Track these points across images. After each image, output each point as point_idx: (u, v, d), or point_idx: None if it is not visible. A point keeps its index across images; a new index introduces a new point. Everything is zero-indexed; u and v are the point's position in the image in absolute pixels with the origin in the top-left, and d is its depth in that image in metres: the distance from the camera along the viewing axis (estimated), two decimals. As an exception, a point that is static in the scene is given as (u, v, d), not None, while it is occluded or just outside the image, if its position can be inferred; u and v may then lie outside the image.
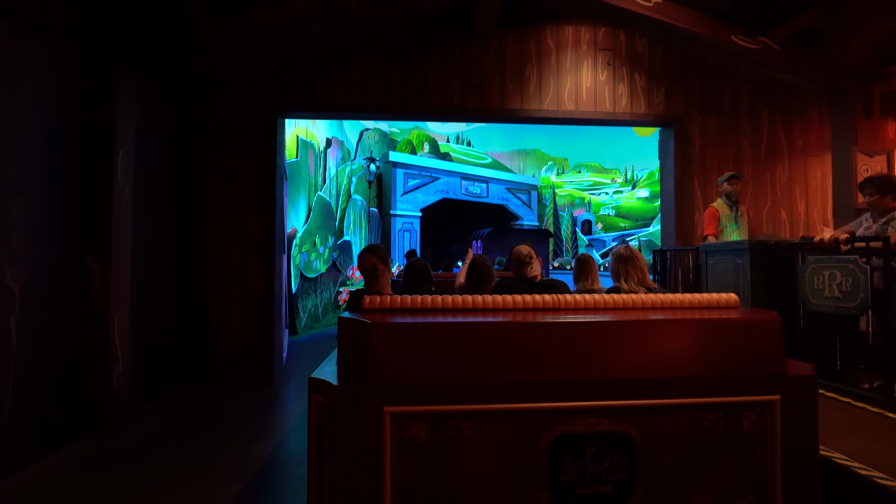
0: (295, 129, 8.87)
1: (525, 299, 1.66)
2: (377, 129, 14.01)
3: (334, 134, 11.29)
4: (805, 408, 1.47)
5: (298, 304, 7.82)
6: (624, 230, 15.51)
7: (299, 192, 8.69)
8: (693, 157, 5.38)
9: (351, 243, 10.21)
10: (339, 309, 9.36)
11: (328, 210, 9.21)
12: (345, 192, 10.87)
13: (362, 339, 1.38)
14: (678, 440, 1.43)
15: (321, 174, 10.09)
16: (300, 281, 7.85)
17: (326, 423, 1.34)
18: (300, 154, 8.90)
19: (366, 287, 2.77)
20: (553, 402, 1.39)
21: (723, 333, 1.49)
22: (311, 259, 8.23)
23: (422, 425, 1.35)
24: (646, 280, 2.56)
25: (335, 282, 9.34)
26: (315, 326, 8.50)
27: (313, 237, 8.33)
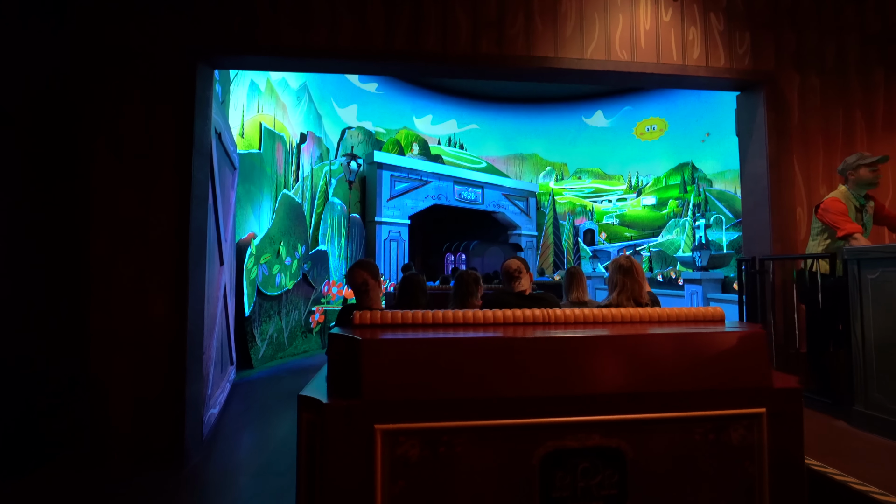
0: (257, 116, 7.15)
1: (515, 314, 1.63)
2: (361, 128, 12.33)
3: (311, 128, 9.59)
4: (791, 420, 1.46)
5: (255, 330, 6.02)
6: (630, 240, 13.96)
7: (262, 190, 6.94)
8: (791, 130, 3.77)
9: (327, 254, 8.45)
10: (312, 333, 7.56)
11: (297, 213, 7.45)
12: (321, 193, 9.13)
13: (353, 356, 1.35)
14: (668, 454, 1.41)
15: (293, 172, 8.35)
16: (257, 300, 6.06)
17: (317, 442, 1.29)
18: (264, 145, 7.17)
19: (357, 302, 2.70)
20: (544, 418, 1.36)
21: (710, 347, 1.48)
22: (273, 272, 6.45)
23: (414, 442, 1.31)
24: (641, 293, 2.52)
25: (306, 300, 7.55)
26: (278, 357, 6.68)
27: (276, 245, 6.56)
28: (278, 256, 6.56)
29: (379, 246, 10.82)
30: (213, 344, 3.82)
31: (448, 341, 1.42)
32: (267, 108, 7.55)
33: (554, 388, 1.38)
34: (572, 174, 15.44)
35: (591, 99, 15.24)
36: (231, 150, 4.83)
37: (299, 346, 7.17)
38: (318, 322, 7.55)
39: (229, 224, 4.72)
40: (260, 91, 7.27)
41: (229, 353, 4.89)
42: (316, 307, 7.58)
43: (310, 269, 7.61)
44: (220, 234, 4.08)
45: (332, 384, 1.44)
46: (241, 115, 6.57)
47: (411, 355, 1.36)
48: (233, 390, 4.96)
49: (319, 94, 10.47)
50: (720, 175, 13.24)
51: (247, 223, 6.36)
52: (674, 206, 13.83)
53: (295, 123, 8.93)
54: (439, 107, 14.65)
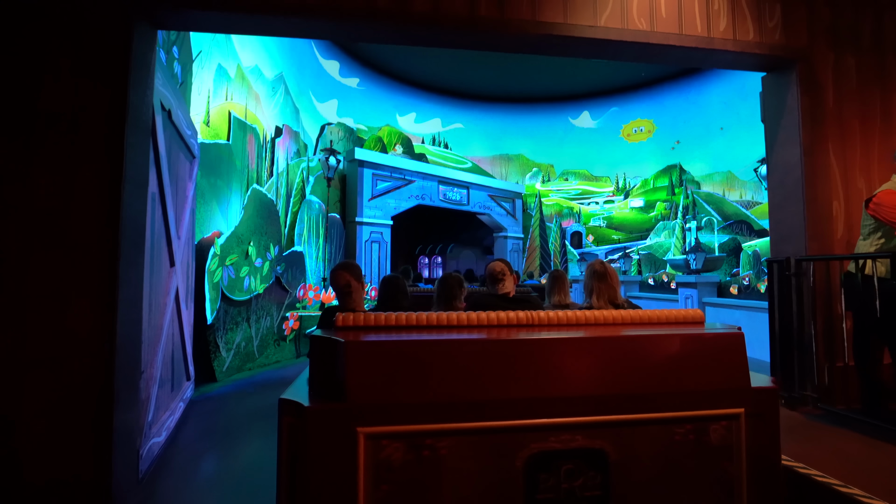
0: (226, 104, 6.49)
1: (499, 316, 1.62)
2: (341, 124, 11.70)
3: (287, 122, 8.93)
4: (768, 419, 1.46)
5: (219, 340, 5.35)
6: (618, 243, 13.60)
7: (231, 185, 6.27)
8: (825, 115, 3.32)
9: (303, 255, 7.79)
10: (286, 341, 6.90)
11: (270, 210, 6.79)
12: (298, 191, 8.47)
13: (336, 358, 1.33)
14: (650, 455, 1.41)
15: (266, 167, 7.70)
16: (222, 306, 5.39)
17: (299, 447, 1.26)
18: (234, 136, 6.51)
19: (340, 305, 2.66)
20: (528, 419, 1.35)
21: (690, 348, 1.48)
22: (241, 275, 5.79)
23: (398, 445, 1.28)
24: (617, 297, 2.52)
25: (279, 305, 6.89)
26: (246, 369, 6.01)
27: (245, 245, 5.90)
28: (247, 257, 5.90)
29: (360, 247, 10.19)
30: (156, 360, 3.17)
31: (432, 343, 1.39)
32: (237, 97, 6.90)
33: (538, 390, 1.37)
34: (559, 175, 15.04)
35: (577, 99, 14.89)
36: (188, 135, 4.19)
37: (271, 355, 6.50)
38: (293, 329, 6.90)
39: (185, 219, 4.07)
40: (229, 77, 6.61)
41: (185, 368, 4.23)
42: (290, 313, 6.93)
43: (283, 271, 6.95)
44: (169, 229, 3.44)
45: (313, 387, 1.42)
46: (207, 102, 5.91)
47: (395, 357, 1.34)
48: (189, 410, 4.30)
49: (297, 86, 9.82)
50: (708, 177, 12.99)
51: (212, 220, 5.69)
52: (661, 208, 13.52)
53: (269, 116, 8.28)
54: (423, 104, 14.11)
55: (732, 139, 12.41)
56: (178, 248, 3.71)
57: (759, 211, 11.66)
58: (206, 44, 5.92)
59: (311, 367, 1.47)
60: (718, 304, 7.77)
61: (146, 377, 2.95)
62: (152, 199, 3.03)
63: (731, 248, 10.70)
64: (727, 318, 7.55)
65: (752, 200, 11.88)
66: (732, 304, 7.41)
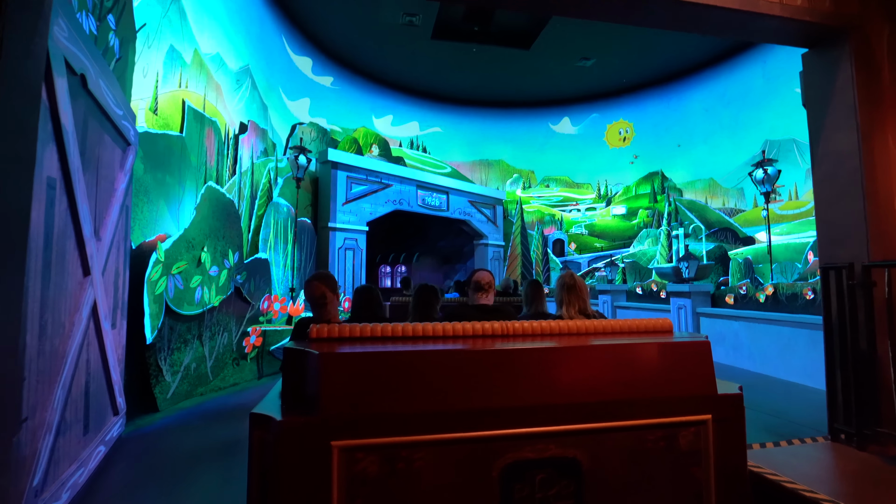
0: (179, 91, 5.68)
1: (475, 327, 1.61)
2: (314, 124, 10.93)
3: (254, 118, 8.13)
4: (734, 425, 1.48)
5: (161, 362, 4.50)
6: (600, 251, 13.16)
7: (184, 183, 5.45)
8: (883, 95, 2.80)
9: (268, 263, 6.96)
10: (246, 359, 6.05)
11: (228, 212, 5.97)
12: (264, 192, 7.66)
13: (310, 371, 1.30)
14: (622, 462, 1.40)
15: (228, 166, 6.88)
16: (166, 321, 4.55)
17: (270, 462, 1.21)
18: (189, 128, 5.70)
19: (314, 317, 2.59)
20: (503, 430, 1.34)
21: (660, 357, 1.49)
22: (192, 285, 4.96)
23: (372, 458, 1.25)
24: (587, 308, 2.56)
25: (239, 319, 6.05)
26: (197, 394, 5.15)
27: (196, 251, 5.07)
28: (199, 265, 5.07)
29: (333, 255, 9.40)
30: (53, 399, 2.36)
31: (407, 354, 1.37)
32: (194, 85, 6.09)
33: (513, 400, 1.36)
34: (540, 182, 14.58)
35: (557, 105, 14.50)
36: (119, 116, 3.40)
37: (228, 377, 5.65)
38: (255, 346, 6.06)
39: (111, 218, 3.27)
40: (184, 62, 5.81)
41: (110, 401, 3.40)
42: (252, 328, 6.10)
43: (245, 280, 6.13)
44: (80, 228, 2.65)
45: (286, 401, 1.37)
46: (155, 87, 5.10)
47: (370, 369, 1.31)
48: (114, 454, 3.45)
49: (265, 81, 9.03)
50: (690, 185, 12.72)
51: (159, 222, 4.86)
52: (644, 215, 13.18)
53: (233, 110, 7.47)
54: (400, 107, 13.46)
55: (714, 146, 12.17)
56: (96, 252, 2.91)
57: (742, 218, 11.40)
58: (155, 20, 5.12)
59: (283, 381, 1.43)
60: (714, 315, 7.31)
61: (31, 425, 2.16)
62: (47, 185, 2.25)
63: (717, 255, 10.35)
64: (724, 329, 7.08)
65: (735, 208, 11.62)
66: (730, 314, 6.95)
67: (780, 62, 10.67)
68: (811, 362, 5.56)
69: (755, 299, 6.69)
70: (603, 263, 11.72)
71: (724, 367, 6.72)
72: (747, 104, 11.35)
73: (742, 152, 11.48)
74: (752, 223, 11.09)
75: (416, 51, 11.65)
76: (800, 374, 5.69)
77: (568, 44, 11.47)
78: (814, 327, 5.60)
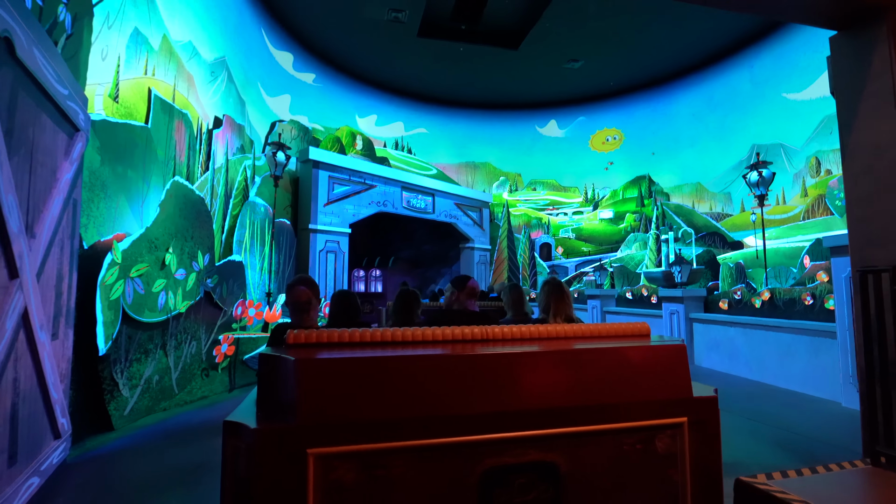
0: (145, 79, 5.22)
1: (455, 332, 1.60)
2: (295, 122, 10.47)
3: (230, 113, 7.66)
4: (709, 428, 1.47)
5: (117, 375, 4.02)
6: (588, 255, 12.94)
7: (148, 178, 4.98)
8: (921, 81, 2.53)
9: (243, 266, 6.49)
10: (217, 370, 5.57)
11: (197, 210, 5.50)
12: (239, 191, 7.19)
13: (286, 377, 1.28)
14: (600, 466, 1.41)
15: (200, 162, 6.40)
16: (123, 330, 4.07)
17: (244, 471, 1.18)
18: (155, 120, 5.24)
19: (294, 321, 2.56)
20: (483, 435, 1.33)
21: (637, 360, 1.49)
22: (155, 289, 4.49)
23: (350, 466, 1.23)
24: (573, 315, 2.61)
25: (209, 326, 5.57)
26: (160, 409, 4.66)
27: (160, 252, 4.61)
28: (164, 267, 4.59)
29: (313, 258, 8.94)
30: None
31: (385, 360, 1.34)
32: (163, 74, 5.62)
33: (492, 405, 1.35)
34: (526, 185, 14.33)
35: (544, 108, 14.30)
36: (64, 96, 2.96)
37: (196, 390, 5.17)
38: (226, 355, 5.59)
39: (50, 213, 2.82)
40: (150, 47, 5.34)
41: (49, 423, 2.93)
42: (224, 335, 5.62)
43: (216, 284, 5.65)
44: (4, 222, 2.21)
45: (261, 408, 1.35)
46: (116, 71, 4.63)
47: (347, 375, 1.28)
48: (53, 484, 2.98)
49: (243, 75, 8.56)
50: (677, 189, 12.60)
51: (118, 220, 4.39)
52: (631, 220, 13.02)
53: (207, 104, 7.00)
54: (385, 107, 13.07)
55: (701, 150, 12.09)
56: (27, 251, 2.46)
57: (729, 223, 11.30)
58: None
59: (258, 388, 1.41)
60: (708, 321, 7.08)
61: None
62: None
63: (706, 260, 10.19)
64: (719, 335, 6.86)
65: (723, 212, 11.53)
66: (725, 320, 6.72)
67: (767, 67, 10.63)
68: (813, 370, 5.34)
69: (751, 305, 6.48)
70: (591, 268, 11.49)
71: (720, 375, 6.49)
72: (734, 108, 11.29)
73: (729, 157, 11.40)
74: (740, 228, 10.99)
75: (401, 49, 11.30)
76: (801, 383, 5.47)
77: (556, 45, 11.26)
78: (815, 334, 5.39)
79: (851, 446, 3.65)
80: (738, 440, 3.82)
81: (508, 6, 10.37)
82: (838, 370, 4.90)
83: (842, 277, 4.77)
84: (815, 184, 9.63)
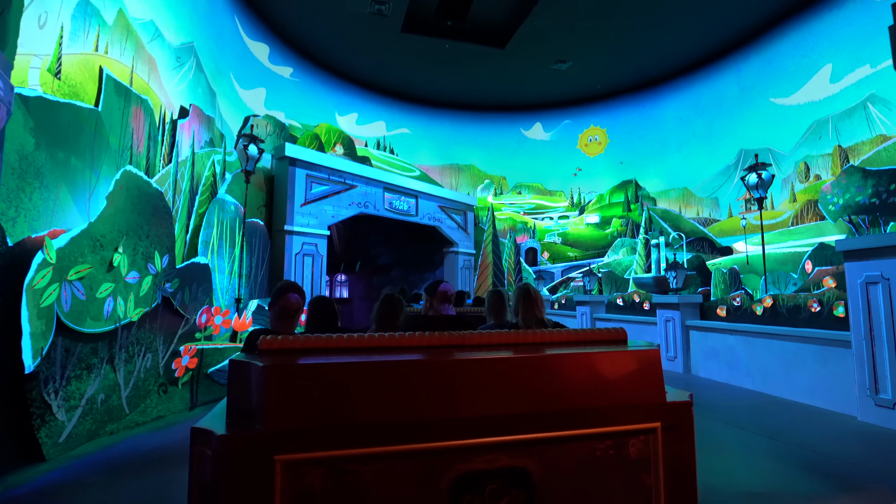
0: (95, 56, 4.62)
1: (429, 338, 1.56)
2: (270, 118, 9.86)
3: (198, 103, 7.04)
4: (683, 432, 1.46)
5: (48, 395, 3.39)
6: (574, 260, 12.62)
7: (97, 168, 4.37)
8: None
9: (209, 269, 5.87)
10: (177, 386, 4.94)
11: (154, 205, 4.88)
12: (207, 187, 6.57)
13: (254, 384, 1.26)
14: (573, 471, 1.39)
15: (162, 154, 5.78)
16: (58, 343, 3.45)
17: (210, 478, 1.16)
18: (107, 103, 4.64)
19: (274, 327, 2.49)
20: (453, 440, 1.32)
21: (611, 366, 1.48)
22: (99, 294, 3.87)
23: (318, 472, 1.21)
24: (540, 315, 2.60)
25: (169, 336, 4.94)
26: (105, 433, 4.02)
27: (106, 251, 3.99)
28: (111, 269, 3.98)
29: (289, 261, 8.33)
30: None
31: (353, 366, 1.32)
32: (118, 53, 5.01)
33: (464, 410, 1.33)
34: (511, 189, 13.98)
35: (529, 110, 14.01)
36: None
37: (151, 409, 4.53)
38: (188, 369, 4.96)
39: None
40: (103, 21, 4.73)
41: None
42: (185, 347, 5.00)
43: (177, 289, 5.03)
44: None
45: (230, 414, 1.33)
46: (57, 43, 4.02)
47: (315, 381, 1.26)
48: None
49: (214, 65, 7.95)
50: (664, 194, 12.42)
51: (58, 214, 3.77)
52: (618, 224, 12.77)
53: (172, 92, 6.39)
54: (366, 105, 12.55)
55: (688, 155, 11.93)
56: None
57: (716, 228, 11.13)
58: (61, -38, 4.06)
59: (228, 394, 1.39)
60: (706, 328, 6.76)
61: None
62: None
63: (695, 265, 9.96)
64: (717, 343, 6.54)
65: (710, 218, 11.36)
66: (725, 328, 6.41)
67: (754, 71, 10.53)
68: (823, 381, 5.03)
69: (751, 312, 6.18)
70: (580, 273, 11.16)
71: (718, 385, 6.16)
72: (721, 113, 11.16)
73: (716, 162, 11.26)
74: (728, 233, 10.82)
75: (385, 45, 10.83)
76: (809, 395, 5.15)
77: (544, 45, 10.96)
78: (825, 343, 5.08)
79: (883, 467, 3.29)
80: (763, 464, 3.42)
81: (496, 3, 10.01)
82: (852, 381, 4.59)
83: (857, 283, 4.47)
84: (803, 189, 9.50)
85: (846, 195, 7.65)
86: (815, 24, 9.39)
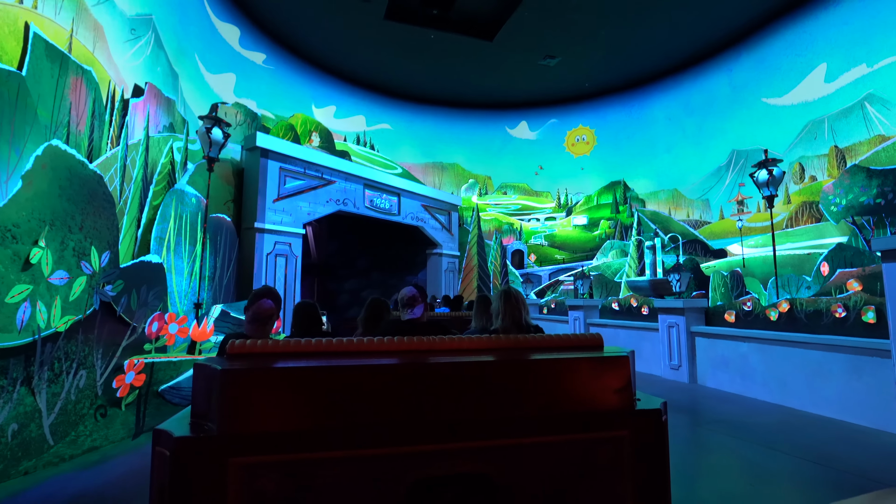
0: (19, 9, 3.79)
1: (401, 342, 1.53)
2: (240, 106, 9.01)
3: (156, 82, 6.19)
4: (654, 440, 1.41)
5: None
6: (562, 263, 12.12)
7: (19, 145, 3.55)
8: None
9: (163, 268, 5.02)
10: (120, 408, 4.09)
11: (91, 191, 4.02)
12: (163, 175, 5.72)
13: (212, 387, 1.23)
14: (537, 478, 1.35)
15: (110, 136, 4.94)
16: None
17: (167, 479, 1.15)
18: (35, 67, 3.84)
19: (248, 331, 2.47)
20: (411, 446, 1.28)
21: (580, 372, 1.44)
22: (10, 299, 3.03)
23: (273, 476, 1.18)
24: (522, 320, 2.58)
25: (111, 348, 4.09)
26: (18, 473, 3.16)
27: (20, 244, 3.16)
28: (28, 267, 3.15)
29: (259, 262, 7.50)
30: None
31: (309, 370, 1.29)
32: (52, 11, 4.18)
33: (423, 415, 1.29)
34: (497, 189, 13.41)
35: (514, 108, 13.50)
36: None
37: (84, 438, 3.68)
38: (133, 387, 4.13)
39: None
40: (31, -31, 3.90)
41: None
42: (130, 361, 4.16)
43: (120, 293, 4.18)
44: None
45: (193, 417, 1.31)
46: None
47: (273, 385, 1.24)
48: None
49: (176, 42, 7.09)
50: (653, 195, 12.06)
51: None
52: (606, 226, 12.35)
53: (125, 67, 5.55)
54: (345, 98, 11.79)
55: (678, 156, 11.60)
56: None
57: (707, 231, 10.81)
58: None
59: (192, 397, 1.36)
60: (714, 335, 6.28)
61: None
62: None
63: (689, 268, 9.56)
64: (727, 351, 6.05)
65: (701, 220, 11.03)
66: (736, 334, 5.93)
67: (746, 71, 10.27)
68: (855, 394, 4.56)
69: (764, 317, 5.71)
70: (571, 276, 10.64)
71: (731, 396, 5.66)
72: (712, 113, 10.87)
73: (707, 163, 10.95)
74: (719, 235, 10.50)
75: (366, 33, 10.12)
76: (837, 408, 4.68)
77: (533, 38, 10.45)
78: (855, 351, 4.62)
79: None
80: (818, 494, 2.85)
81: (485, -10, 9.46)
82: (891, 395, 4.13)
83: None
84: (798, 190, 9.23)
85: (849, 195, 7.34)
86: (810, 22, 9.16)
